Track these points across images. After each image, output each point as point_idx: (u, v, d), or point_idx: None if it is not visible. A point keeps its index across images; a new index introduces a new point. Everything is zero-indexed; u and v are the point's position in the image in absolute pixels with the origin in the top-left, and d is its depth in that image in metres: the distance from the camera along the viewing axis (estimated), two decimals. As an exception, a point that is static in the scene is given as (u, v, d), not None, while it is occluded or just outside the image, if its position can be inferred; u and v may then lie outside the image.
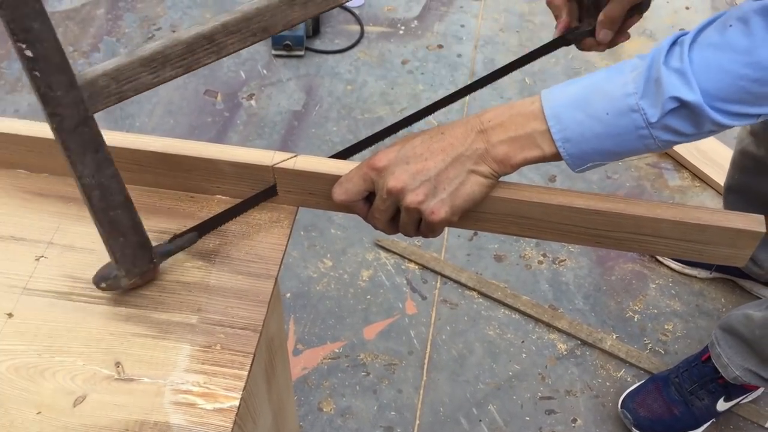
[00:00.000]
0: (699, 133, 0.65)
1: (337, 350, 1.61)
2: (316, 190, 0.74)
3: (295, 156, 0.73)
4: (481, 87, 0.96)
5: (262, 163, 0.72)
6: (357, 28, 2.39)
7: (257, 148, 0.73)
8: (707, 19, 0.67)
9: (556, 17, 0.97)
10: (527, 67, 2.33)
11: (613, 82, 0.66)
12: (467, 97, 2.17)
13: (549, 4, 0.97)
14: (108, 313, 0.66)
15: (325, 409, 1.51)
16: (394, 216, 0.72)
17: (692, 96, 0.62)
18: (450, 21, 2.43)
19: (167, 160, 0.73)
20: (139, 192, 0.76)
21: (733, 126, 0.65)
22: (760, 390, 1.49)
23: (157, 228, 0.73)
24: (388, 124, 2.09)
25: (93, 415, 0.60)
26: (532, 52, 1.02)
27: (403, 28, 2.40)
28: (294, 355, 1.59)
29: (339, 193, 0.72)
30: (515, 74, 2.27)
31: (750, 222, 0.69)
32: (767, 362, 1.31)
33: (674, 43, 0.65)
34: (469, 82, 2.21)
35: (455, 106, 2.14)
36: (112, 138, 0.72)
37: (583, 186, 1.96)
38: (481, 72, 2.26)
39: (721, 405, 1.46)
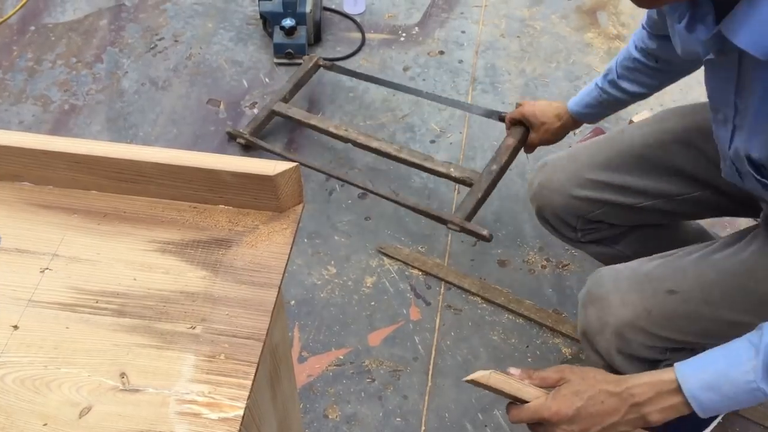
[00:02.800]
0: None
1: (341, 357, 1.61)
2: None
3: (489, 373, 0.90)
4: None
5: (264, 173, 0.72)
6: (358, 35, 2.40)
7: (259, 159, 0.74)
8: None
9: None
10: (528, 70, 2.35)
11: (738, 370, 0.86)
12: (469, 101, 2.17)
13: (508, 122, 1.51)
14: (112, 325, 0.67)
15: (330, 416, 1.51)
16: None
17: None
18: (451, 27, 2.43)
19: (170, 171, 0.74)
20: (143, 203, 0.77)
21: None
22: None
23: (161, 239, 0.73)
24: (391, 130, 2.09)
25: (99, 426, 0.60)
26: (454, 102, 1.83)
27: (404, 34, 2.41)
28: (299, 362, 1.59)
29: (513, 416, 0.94)
30: (517, 78, 2.28)
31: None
32: None
33: None
34: (470, 88, 2.21)
35: (457, 111, 2.15)
36: (115, 150, 0.73)
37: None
38: (483, 77, 2.26)
39: None
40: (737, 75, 0.86)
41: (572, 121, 1.52)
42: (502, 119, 1.88)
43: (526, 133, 1.65)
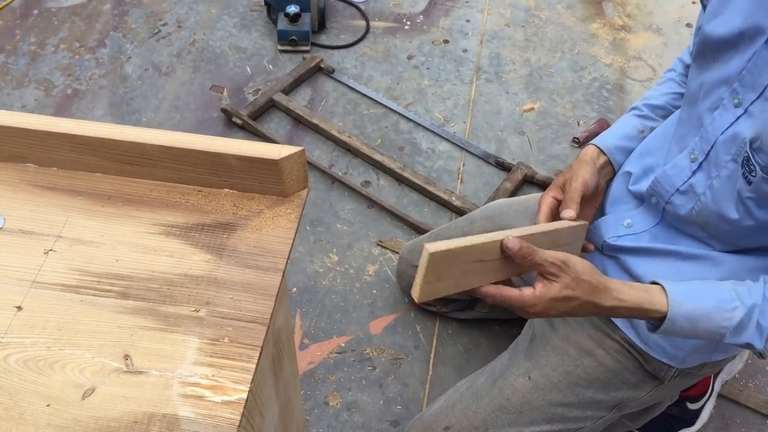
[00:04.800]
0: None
1: (343, 344, 1.61)
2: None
3: None
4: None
5: (270, 157, 0.72)
6: (362, 23, 2.38)
7: (264, 143, 0.74)
8: None
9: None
10: (533, 60, 2.34)
11: (720, 315, 0.94)
12: (473, 93, 2.17)
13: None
14: (116, 306, 0.66)
15: (331, 403, 1.52)
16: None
17: (759, 345, 0.96)
18: (456, 16, 2.42)
19: (175, 154, 0.74)
20: (147, 186, 0.76)
21: None
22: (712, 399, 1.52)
23: (165, 222, 0.73)
24: (394, 119, 2.09)
25: (102, 408, 0.60)
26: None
27: (408, 23, 2.40)
28: (300, 349, 1.59)
29: (495, 293, 0.94)
30: (521, 68, 2.27)
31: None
32: None
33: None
34: (474, 77, 2.21)
35: (461, 100, 2.14)
36: (119, 132, 0.73)
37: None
38: (487, 67, 2.25)
39: (692, 405, 1.49)
40: None
41: (600, 157, 1.21)
42: (499, 164, 1.96)
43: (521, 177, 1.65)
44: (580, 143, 2.05)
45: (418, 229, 1.81)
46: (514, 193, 1.89)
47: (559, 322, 1.21)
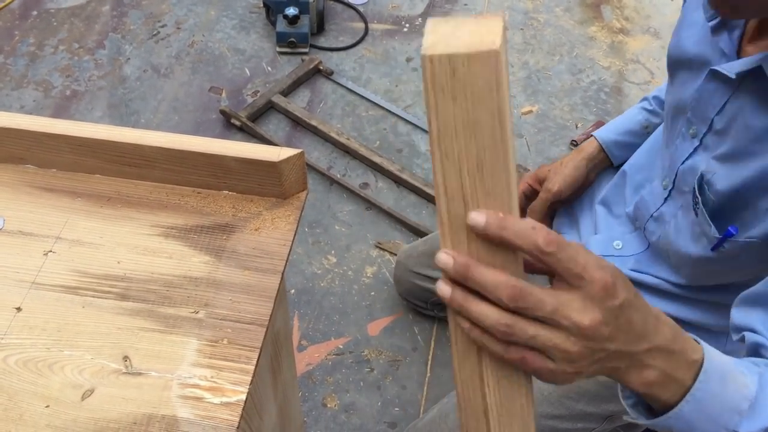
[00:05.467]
0: None
1: (341, 346, 1.61)
2: None
3: None
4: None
5: (269, 159, 0.72)
6: (361, 25, 2.39)
7: (263, 145, 0.74)
8: None
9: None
10: (531, 63, 2.35)
11: (740, 377, 0.62)
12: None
13: None
14: (116, 308, 0.67)
15: (329, 405, 1.52)
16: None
17: None
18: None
19: (174, 156, 0.74)
20: (146, 188, 0.76)
21: None
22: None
23: (165, 224, 0.73)
24: (393, 121, 2.09)
25: (101, 409, 0.60)
26: None
27: (407, 25, 2.40)
28: (298, 350, 1.59)
29: (510, 285, 0.51)
30: (520, 71, 2.28)
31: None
32: None
33: None
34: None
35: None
36: (119, 133, 0.73)
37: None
38: (486, 69, 2.26)
39: None
40: (729, 100, 0.83)
41: (599, 152, 1.18)
42: None
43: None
44: (578, 146, 2.05)
45: (417, 232, 1.81)
46: (512, 195, 1.90)
47: None
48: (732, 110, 0.83)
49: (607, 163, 1.19)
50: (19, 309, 0.66)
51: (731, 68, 0.81)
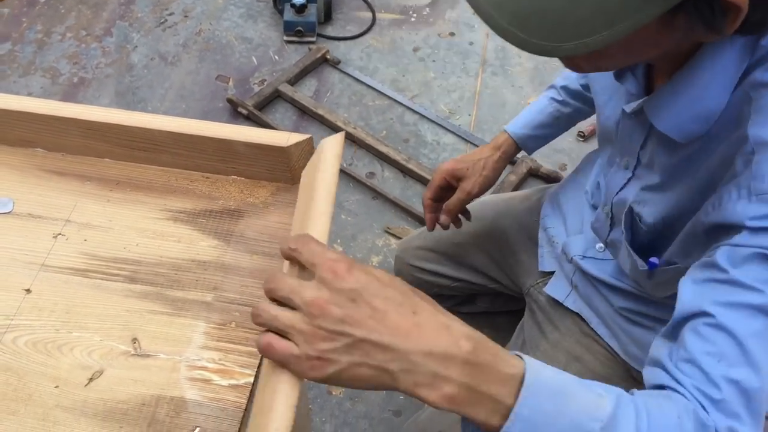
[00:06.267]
0: None
1: (346, 335, 1.61)
2: None
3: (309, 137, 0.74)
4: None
5: (278, 144, 0.72)
6: (369, 14, 2.38)
7: (272, 130, 0.74)
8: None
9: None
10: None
11: (589, 394, 0.58)
12: (479, 86, 2.17)
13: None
14: (124, 290, 0.67)
15: (334, 392, 1.52)
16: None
17: None
18: (462, 8, 2.42)
19: (183, 140, 0.74)
20: (155, 172, 0.77)
21: None
22: None
23: (174, 208, 0.74)
24: (400, 111, 2.09)
25: (110, 390, 0.61)
26: None
27: (414, 15, 2.40)
28: (304, 339, 1.60)
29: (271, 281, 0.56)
30: (527, 62, 2.27)
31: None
32: None
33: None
34: (480, 70, 2.21)
35: (466, 93, 2.14)
36: (128, 117, 0.73)
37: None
38: (493, 60, 2.25)
39: None
40: (648, 135, 0.84)
41: (514, 149, 1.22)
42: None
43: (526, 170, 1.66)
44: (585, 137, 2.04)
45: (423, 221, 1.81)
46: (518, 185, 1.89)
47: (548, 327, 1.18)
48: (651, 146, 0.84)
49: (515, 154, 1.23)
50: (28, 291, 0.67)
51: (629, 107, 0.83)
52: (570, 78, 1.20)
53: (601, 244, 1.07)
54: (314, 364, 0.52)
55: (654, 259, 0.87)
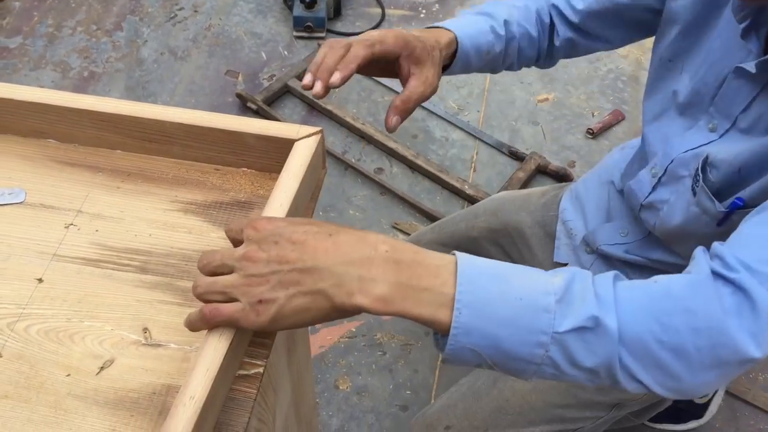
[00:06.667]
0: (579, 376, 0.60)
1: (353, 329, 1.62)
2: None
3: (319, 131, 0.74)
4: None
5: (288, 136, 0.72)
6: (378, 10, 2.38)
7: (283, 123, 0.74)
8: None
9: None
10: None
11: (537, 275, 0.60)
12: (488, 82, 2.17)
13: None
14: (135, 281, 0.67)
15: (341, 387, 1.53)
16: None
17: (611, 323, 0.58)
18: (471, 5, 2.42)
19: (194, 132, 0.74)
20: (167, 164, 0.77)
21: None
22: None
23: (184, 199, 0.74)
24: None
25: (121, 379, 0.61)
26: None
27: (424, 11, 2.40)
28: (311, 333, 1.60)
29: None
30: (536, 59, 2.26)
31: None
32: None
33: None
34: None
35: (475, 90, 2.14)
36: (140, 109, 0.73)
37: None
38: (502, 56, 2.25)
39: (699, 400, 1.49)
40: (758, 97, 0.82)
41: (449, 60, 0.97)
42: (512, 153, 1.96)
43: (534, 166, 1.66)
44: (594, 134, 2.04)
45: (431, 217, 1.81)
46: (526, 182, 1.89)
47: None
48: (758, 109, 0.82)
49: (446, 61, 0.96)
50: (40, 280, 0.67)
51: (750, 65, 0.81)
52: (517, 17, 1.04)
53: (627, 230, 1.07)
54: (258, 310, 0.57)
55: (739, 199, 0.81)
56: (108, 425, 0.58)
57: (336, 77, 0.79)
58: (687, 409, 1.49)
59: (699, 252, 0.65)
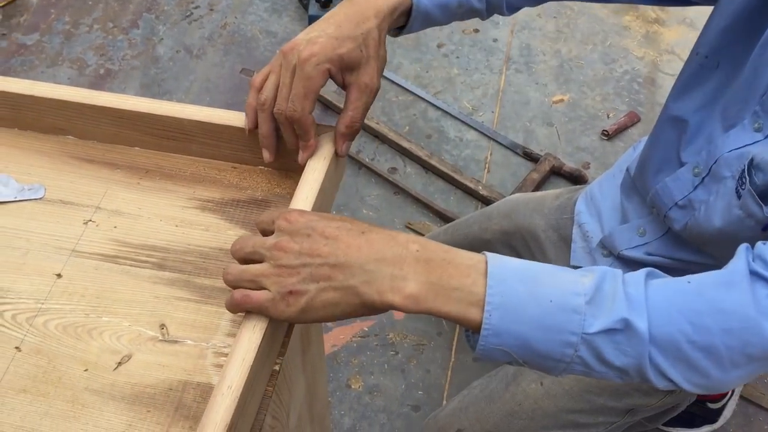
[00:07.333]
0: (609, 373, 0.61)
1: (366, 329, 1.62)
2: None
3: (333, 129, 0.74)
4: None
5: (305, 135, 0.72)
6: (393, 10, 2.38)
7: (300, 121, 0.74)
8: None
9: None
10: (564, 51, 2.32)
11: (566, 275, 0.60)
12: (503, 83, 2.16)
13: None
14: (153, 277, 0.68)
15: (353, 386, 1.53)
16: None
17: (642, 324, 0.58)
18: None
19: (212, 130, 0.75)
20: (184, 161, 0.78)
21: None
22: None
23: (202, 197, 0.74)
24: (423, 106, 2.09)
25: (138, 374, 0.61)
26: None
27: (439, 11, 2.39)
28: (324, 332, 1.61)
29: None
30: (552, 59, 2.26)
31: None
32: None
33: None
34: (504, 67, 2.20)
35: (490, 90, 2.14)
36: (159, 106, 0.74)
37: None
38: (517, 57, 2.24)
39: (713, 405, 1.48)
40: None
41: (404, 19, 0.85)
42: (526, 154, 1.94)
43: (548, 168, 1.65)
44: (609, 136, 2.03)
45: (444, 217, 1.81)
46: (540, 184, 1.89)
47: None
48: None
49: (398, 24, 0.85)
50: (59, 275, 0.68)
51: None
52: None
53: (643, 228, 1.05)
54: (288, 301, 0.58)
55: None
56: (125, 420, 0.59)
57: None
58: (701, 414, 1.48)
59: (742, 249, 0.64)
